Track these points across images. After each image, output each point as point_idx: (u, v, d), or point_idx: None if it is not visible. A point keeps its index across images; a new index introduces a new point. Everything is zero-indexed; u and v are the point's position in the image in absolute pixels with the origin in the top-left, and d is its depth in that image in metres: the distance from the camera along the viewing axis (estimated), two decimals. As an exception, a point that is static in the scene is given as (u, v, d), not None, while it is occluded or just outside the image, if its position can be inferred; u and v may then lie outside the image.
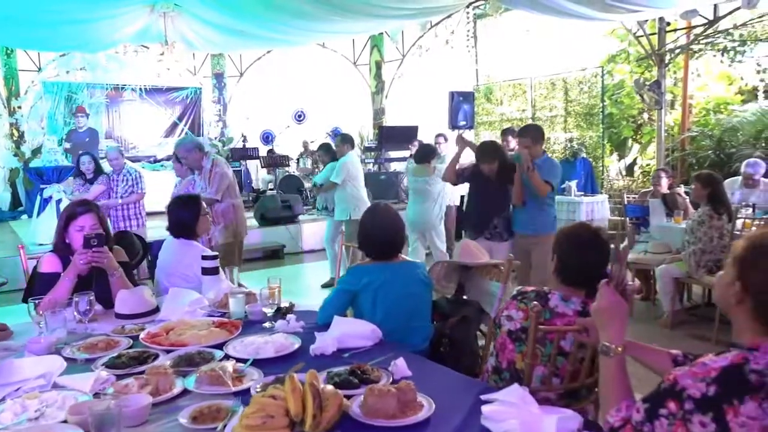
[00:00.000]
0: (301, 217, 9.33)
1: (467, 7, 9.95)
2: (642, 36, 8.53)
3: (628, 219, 6.08)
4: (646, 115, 10.44)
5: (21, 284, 5.61)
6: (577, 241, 2.10)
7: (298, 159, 12.81)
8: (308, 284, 7.12)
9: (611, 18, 7.85)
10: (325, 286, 6.64)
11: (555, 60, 10.15)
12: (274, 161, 12.10)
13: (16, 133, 11.88)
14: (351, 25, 10.13)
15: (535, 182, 4.42)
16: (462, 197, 7.36)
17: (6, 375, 1.94)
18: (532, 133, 4.67)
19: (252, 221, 9.26)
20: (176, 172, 6.11)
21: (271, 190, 12.07)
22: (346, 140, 6.74)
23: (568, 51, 10.07)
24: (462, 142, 5.13)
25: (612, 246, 2.14)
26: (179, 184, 5.93)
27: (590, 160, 8.97)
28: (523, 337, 2.03)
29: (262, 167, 12.78)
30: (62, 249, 2.86)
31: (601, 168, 9.14)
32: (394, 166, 12.00)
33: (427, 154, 6.35)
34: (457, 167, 5.02)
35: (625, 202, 6.27)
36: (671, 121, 9.79)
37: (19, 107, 11.98)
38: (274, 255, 8.75)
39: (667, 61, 8.53)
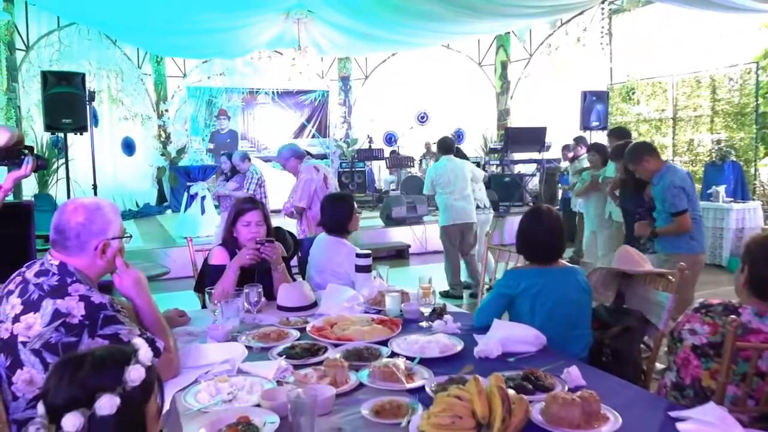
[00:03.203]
0: (425, 218, 9.36)
1: (602, 2, 9.55)
2: (806, 27, 7.77)
3: (790, 229, 5.54)
4: (806, 115, 9.48)
5: (177, 273, 6.09)
6: (774, 251, 1.92)
7: (420, 160, 12.90)
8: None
9: (769, 9, 7.20)
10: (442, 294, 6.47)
11: (700, 56, 9.44)
12: (397, 162, 12.27)
13: (163, 135, 12.92)
14: (478, 25, 10.06)
15: (665, 232, 4.09)
16: None
17: (195, 358, 2.09)
18: (628, 157, 4.21)
19: (377, 221, 9.46)
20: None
21: (393, 190, 12.24)
22: (438, 146, 6.54)
23: (715, 46, 9.33)
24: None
25: None
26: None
27: (741, 163, 8.26)
28: (710, 353, 1.89)
29: (386, 168, 13.00)
30: (230, 242, 3.05)
31: (753, 172, 8.40)
32: (518, 168, 11.75)
33: None
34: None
35: (786, 210, 5.73)
36: (838, 120, 8.82)
37: (167, 110, 13.03)
38: (399, 255, 8.86)
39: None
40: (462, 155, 6.84)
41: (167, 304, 2.93)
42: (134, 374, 1.14)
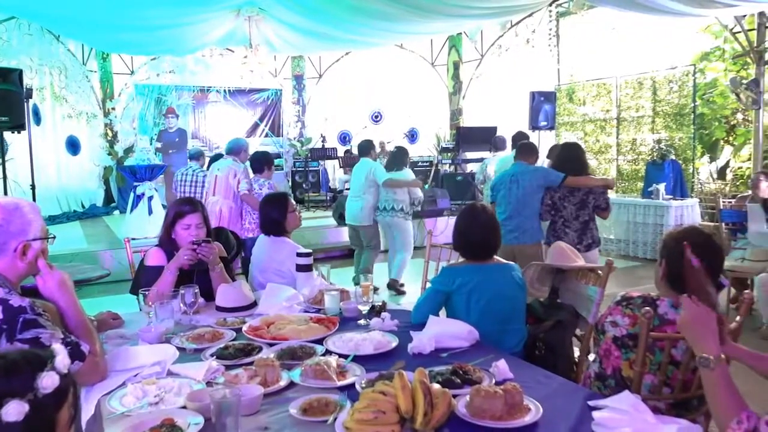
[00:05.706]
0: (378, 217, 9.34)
1: (550, 5, 9.74)
2: (739, 32, 8.08)
3: (723, 224, 5.78)
4: (740, 116, 9.90)
5: (121, 276, 5.94)
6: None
7: (374, 159, 12.89)
8: (381, 282, 7.12)
9: (705, 14, 7.47)
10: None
11: (642, 58, 9.76)
12: (351, 161, 12.24)
13: (110, 133, 12.56)
14: (430, 25, 10.12)
15: None
16: None
17: (124, 361, 2.05)
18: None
19: (331, 220, 9.45)
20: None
21: (347, 189, 12.20)
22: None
23: (656, 49, 9.66)
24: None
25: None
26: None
27: (680, 162, 8.57)
28: (630, 344, 1.96)
29: (340, 167, 12.97)
30: (167, 243, 2.99)
31: (691, 171, 8.72)
32: (471, 167, 11.90)
33: None
34: None
35: (720, 207, 5.97)
36: (769, 121, 9.22)
37: (113, 109, 12.66)
38: (351, 254, 8.84)
39: (767, 59, 8.02)
40: (396, 159, 6.90)
41: (108, 307, 2.85)
42: (47, 381, 1.10)
